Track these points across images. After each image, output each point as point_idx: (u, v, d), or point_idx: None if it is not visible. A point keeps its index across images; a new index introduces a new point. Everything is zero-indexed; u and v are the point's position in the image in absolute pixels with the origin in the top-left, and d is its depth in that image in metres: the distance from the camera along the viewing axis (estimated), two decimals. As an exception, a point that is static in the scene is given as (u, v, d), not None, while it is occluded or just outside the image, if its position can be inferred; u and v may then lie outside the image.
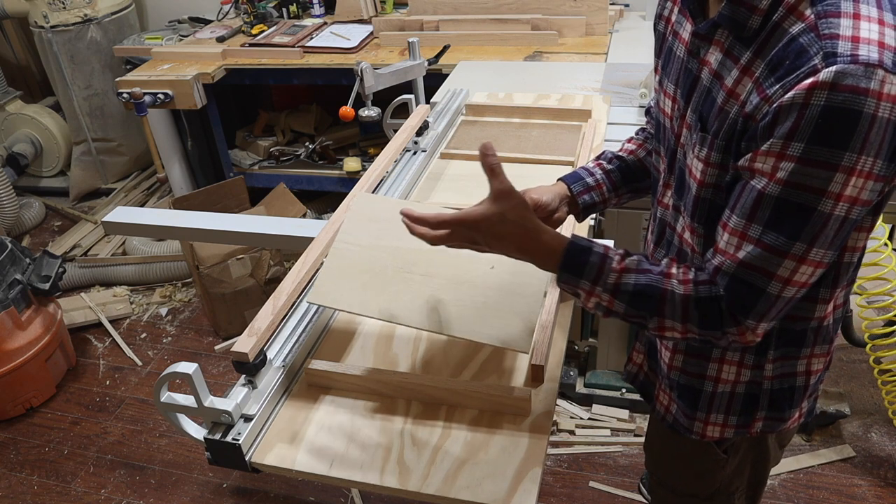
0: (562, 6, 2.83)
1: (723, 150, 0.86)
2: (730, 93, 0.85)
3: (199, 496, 2.19)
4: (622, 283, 0.89)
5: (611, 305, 0.91)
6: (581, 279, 0.91)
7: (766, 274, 0.82)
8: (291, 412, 1.09)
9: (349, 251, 1.16)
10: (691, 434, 1.12)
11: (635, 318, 0.92)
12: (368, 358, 1.19)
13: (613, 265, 0.90)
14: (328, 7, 3.28)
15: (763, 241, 0.81)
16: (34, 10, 3.34)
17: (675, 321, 0.89)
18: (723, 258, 0.86)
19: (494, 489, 0.95)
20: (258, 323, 1.11)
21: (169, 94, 2.84)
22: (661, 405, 1.17)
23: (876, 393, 2.24)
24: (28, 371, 2.47)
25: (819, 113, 0.73)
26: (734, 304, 0.85)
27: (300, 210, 2.83)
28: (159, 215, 1.78)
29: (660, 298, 0.89)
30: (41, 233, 3.64)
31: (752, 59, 0.82)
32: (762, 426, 1.08)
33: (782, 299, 0.84)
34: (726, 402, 1.06)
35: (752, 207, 0.81)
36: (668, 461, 1.26)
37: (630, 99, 2.17)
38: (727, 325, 0.87)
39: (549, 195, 1.14)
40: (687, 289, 0.88)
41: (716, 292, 0.87)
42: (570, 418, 2.29)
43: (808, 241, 0.79)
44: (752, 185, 0.81)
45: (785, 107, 0.75)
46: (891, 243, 1.92)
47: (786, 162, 0.76)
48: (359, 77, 1.89)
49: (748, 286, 0.84)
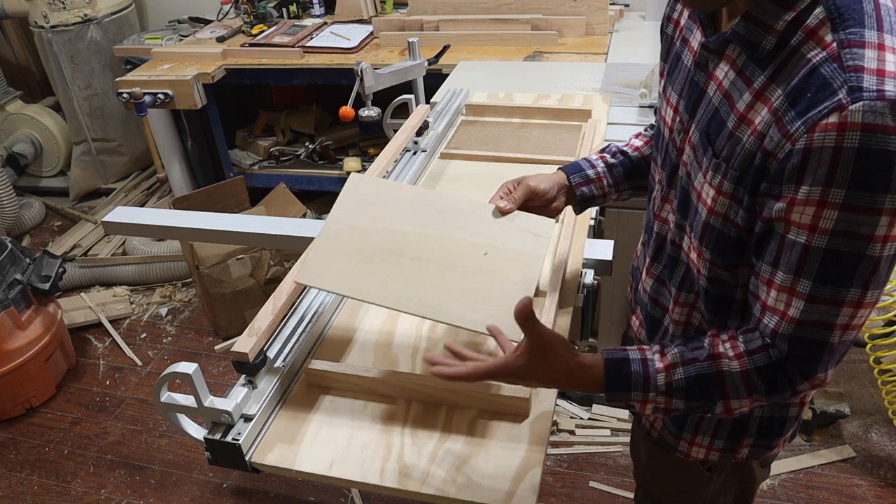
0: (562, 6, 2.83)
1: (736, 180, 0.82)
2: (741, 118, 0.81)
3: (199, 496, 2.19)
4: (673, 382, 0.86)
5: (669, 405, 0.88)
6: (630, 392, 0.88)
7: (827, 326, 0.79)
8: (291, 412, 1.09)
9: (341, 231, 1.12)
10: (675, 452, 1.11)
11: (699, 410, 0.88)
12: (368, 358, 1.19)
13: (657, 366, 0.87)
14: (328, 7, 3.28)
15: (816, 297, 0.77)
16: (34, 10, 3.34)
17: (740, 399, 0.85)
18: (777, 318, 0.81)
19: (494, 489, 0.95)
20: (258, 323, 1.11)
21: (169, 94, 2.84)
22: (648, 420, 1.15)
23: (876, 393, 2.24)
24: (28, 371, 2.47)
25: (854, 156, 0.69)
26: (801, 363, 0.82)
27: (300, 210, 2.83)
28: (159, 215, 1.78)
29: (718, 384, 0.85)
30: (41, 233, 3.64)
31: (767, 83, 0.78)
32: (748, 452, 1.06)
33: (844, 343, 0.81)
34: (714, 425, 1.04)
35: (798, 262, 0.77)
36: (653, 473, 1.25)
37: (630, 99, 2.17)
38: (797, 383, 0.84)
39: (548, 183, 1.13)
40: (743, 364, 0.84)
41: (776, 357, 0.83)
42: (570, 418, 2.29)
43: (861, 285, 0.76)
44: (791, 238, 0.76)
45: (815, 149, 0.71)
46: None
47: (828, 210, 0.72)
48: (359, 77, 1.90)
49: (810, 343, 0.80)
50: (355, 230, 1.12)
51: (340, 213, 1.14)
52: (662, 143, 1.00)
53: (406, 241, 1.11)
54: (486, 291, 1.06)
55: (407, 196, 1.17)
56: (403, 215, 1.13)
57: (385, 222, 1.13)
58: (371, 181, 1.20)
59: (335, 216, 1.14)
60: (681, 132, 0.94)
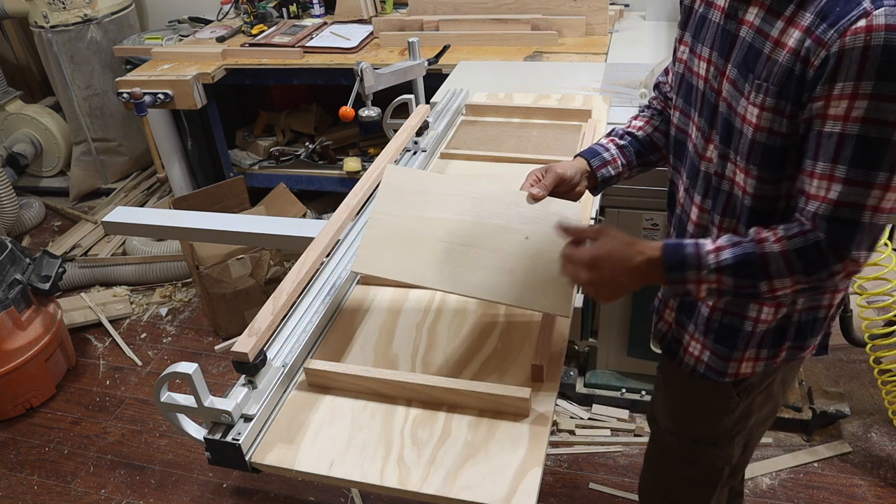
0: (562, 6, 2.83)
1: (777, 95, 0.94)
2: (776, 42, 0.93)
3: (199, 496, 2.19)
4: (722, 261, 0.96)
5: (720, 285, 0.97)
6: (686, 271, 0.98)
7: (859, 206, 0.89)
8: (291, 412, 1.09)
9: (386, 221, 1.17)
10: (724, 377, 1.20)
11: (747, 289, 0.97)
12: (368, 358, 1.19)
13: (708, 248, 0.97)
14: (328, 7, 3.28)
15: (850, 178, 0.88)
16: (34, 10, 3.34)
17: (783, 278, 0.95)
18: (818, 203, 0.92)
19: (494, 489, 0.95)
20: (258, 323, 1.11)
21: (169, 94, 2.84)
22: (692, 356, 1.23)
23: (876, 393, 2.24)
24: (28, 371, 2.47)
25: (881, 52, 0.82)
26: (837, 241, 0.91)
27: (300, 210, 2.83)
28: (159, 215, 1.78)
29: (762, 262, 0.95)
30: (41, 233, 3.64)
31: (796, 10, 0.91)
32: (786, 355, 1.17)
33: (875, 226, 0.91)
34: (760, 337, 1.15)
35: (834, 150, 0.89)
36: (684, 407, 1.34)
37: (630, 99, 2.17)
38: (832, 263, 0.93)
39: (573, 170, 1.24)
40: (783, 245, 0.94)
41: (813, 238, 0.92)
42: (570, 418, 2.29)
43: (888, 168, 0.87)
44: (827, 130, 0.89)
45: (847, 50, 0.84)
46: (891, 243, 1.92)
47: (859, 101, 0.85)
48: (359, 77, 1.89)
49: (845, 222, 0.91)
50: (400, 219, 1.17)
51: (383, 203, 1.19)
52: (696, 95, 1.11)
53: (450, 227, 1.16)
54: (535, 273, 1.12)
55: (442, 185, 1.21)
56: (441, 204, 1.19)
57: (426, 211, 1.18)
58: (406, 171, 1.25)
59: (379, 207, 1.19)
60: (717, 76, 1.05)
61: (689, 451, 1.36)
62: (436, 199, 1.19)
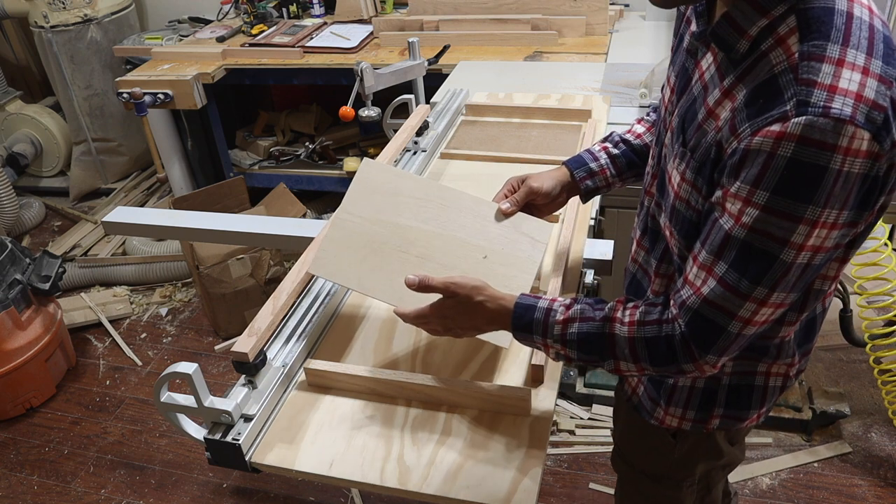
0: (562, 6, 2.83)
1: (696, 170, 0.86)
2: (710, 112, 0.85)
3: (199, 496, 2.19)
4: (567, 334, 0.94)
5: (566, 353, 0.95)
6: (532, 335, 0.97)
7: (728, 313, 0.82)
8: (291, 412, 1.09)
9: (350, 222, 1.16)
10: (651, 419, 1.15)
11: (591, 363, 0.95)
12: (368, 358, 1.19)
13: (557, 318, 0.95)
14: (328, 7, 3.28)
15: (726, 281, 0.81)
16: (34, 10, 3.34)
17: (627, 361, 0.91)
18: (690, 291, 0.86)
19: (494, 489, 0.95)
20: (258, 323, 1.11)
21: (169, 94, 2.84)
22: (629, 385, 1.20)
23: (876, 393, 2.24)
24: (28, 371, 2.47)
25: (785, 164, 0.72)
26: (696, 339, 0.86)
27: (300, 210, 2.83)
28: (159, 215, 1.78)
29: (609, 343, 0.92)
30: (41, 233, 3.64)
31: (735, 83, 0.81)
32: (719, 423, 1.10)
33: (742, 337, 0.85)
34: (686, 395, 1.09)
35: (720, 245, 0.81)
36: (628, 435, 1.30)
37: (630, 99, 2.17)
38: (683, 360, 0.88)
39: (551, 182, 1.19)
40: (631, 331, 0.90)
41: (667, 331, 0.88)
42: (570, 418, 2.29)
43: (769, 286, 0.79)
44: (721, 223, 0.81)
45: (752, 151, 0.74)
46: (891, 243, 1.92)
47: (751, 208, 0.76)
48: (359, 77, 1.89)
49: (709, 323, 0.84)
50: (364, 222, 1.16)
51: (351, 202, 1.18)
52: (660, 119, 1.04)
53: (411, 236, 1.15)
54: None
55: (412, 187, 1.20)
56: (409, 209, 1.17)
57: (391, 215, 1.16)
58: (381, 168, 1.23)
59: (346, 206, 1.17)
60: (671, 113, 0.98)
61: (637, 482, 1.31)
62: (405, 202, 1.17)
